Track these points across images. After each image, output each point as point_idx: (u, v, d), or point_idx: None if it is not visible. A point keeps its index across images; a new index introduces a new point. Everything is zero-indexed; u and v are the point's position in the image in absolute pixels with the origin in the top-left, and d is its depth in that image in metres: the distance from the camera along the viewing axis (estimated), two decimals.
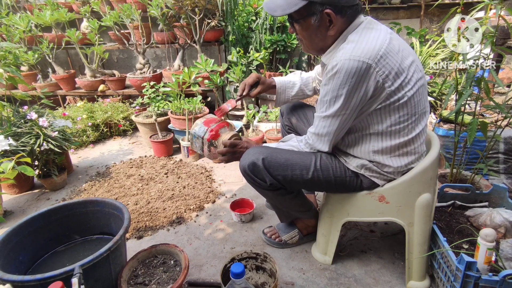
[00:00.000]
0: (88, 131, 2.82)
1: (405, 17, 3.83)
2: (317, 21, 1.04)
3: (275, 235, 1.50)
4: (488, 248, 0.98)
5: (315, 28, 1.06)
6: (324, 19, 1.03)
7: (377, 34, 1.01)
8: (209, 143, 1.33)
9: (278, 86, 1.45)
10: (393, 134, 1.08)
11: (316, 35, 1.08)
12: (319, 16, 1.03)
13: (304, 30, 1.09)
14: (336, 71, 0.99)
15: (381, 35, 1.01)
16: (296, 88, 1.47)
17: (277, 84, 1.45)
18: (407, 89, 1.02)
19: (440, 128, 1.92)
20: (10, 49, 2.37)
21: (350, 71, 0.97)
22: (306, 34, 1.10)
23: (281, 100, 1.49)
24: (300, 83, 1.47)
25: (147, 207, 1.84)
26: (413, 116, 1.06)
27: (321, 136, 1.13)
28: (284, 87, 1.46)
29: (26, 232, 1.22)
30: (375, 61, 0.97)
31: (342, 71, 0.98)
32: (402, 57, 1.01)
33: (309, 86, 1.48)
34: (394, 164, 1.13)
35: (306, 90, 1.48)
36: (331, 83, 1.02)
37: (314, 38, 1.09)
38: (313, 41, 1.11)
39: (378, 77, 0.98)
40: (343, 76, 0.98)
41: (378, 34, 1.01)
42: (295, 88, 1.47)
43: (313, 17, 1.03)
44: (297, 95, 1.48)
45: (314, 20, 1.04)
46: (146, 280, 1.19)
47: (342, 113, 1.05)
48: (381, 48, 0.98)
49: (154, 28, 3.38)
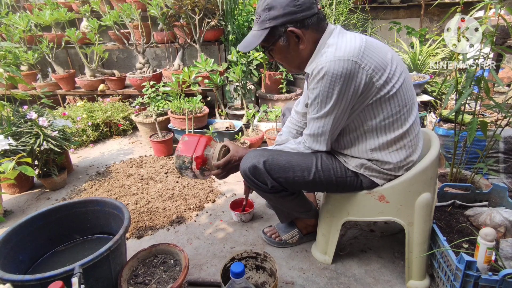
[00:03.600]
0: (88, 130, 2.82)
1: (405, 17, 3.83)
2: (286, 42, 1.09)
3: (275, 234, 1.50)
4: (488, 248, 0.98)
5: (286, 48, 1.11)
6: (290, 38, 1.08)
7: (353, 35, 1.07)
8: (200, 170, 1.30)
9: None
10: (387, 128, 1.09)
11: (290, 54, 1.12)
12: (285, 36, 1.07)
13: (278, 54, 1.14)
14: (323, 74, 1.01)
15: (357, 36, 1.06)
16: None
17: None
18: (394, 81, 1.05)
19: (440, 128, 1.92)
20: (10, 48, 2.37)
21: (337, 72, 0.99)
22: (282, 57, 1.15)
23: None
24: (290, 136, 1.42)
25: (147, 206, 1.84)
26: (404, 108, 1.08)
27: (317, 136, 1.14)
28: None
29: (26, 232, 1.22)
30: (359, 58, 0.99)
31: (329, 73, 1.00)
32: (381, 52, 1.05)
33: (293, 131, 1.44)
34: (394, 160, 1.13)
35: (295, 136, 1.43)
36: (319, 86, 1.04)
37: (290, 58, 1.14)
38: (290, 61, 1.16)
39: (365, 72, 1.00)
40: (331, 78, 1.00)
41: (354, 35, 1.07)
42: None
43: (280, 39, 1.08)
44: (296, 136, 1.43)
45: (282, 41, 1.09)
46: (146, 279, 1.19)
47: (334, 112, 1.06)
48: (361, 45, 1.01)
49: (154, 28, 3.38)
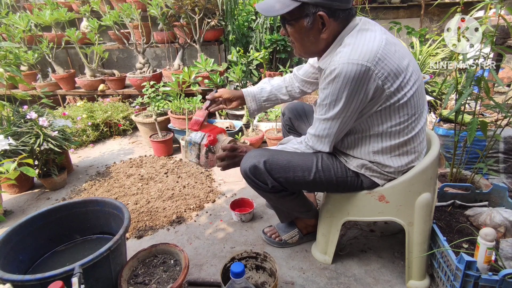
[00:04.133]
0: (88, 130, 2.82)
1: (405, 17, 3.83)
2: (310, 23, 1.02)
3: (275, 234, 1.50)
4: (488, 248, 0.98)
5: (307, 31, 1.05)
6: (317, 22, 1.02)
7: (372, 35, 1.00)
8: (207, 149, 1.29)
9: (246, 94, 1.41)
10: (393, 134, 1.08)
11: (308, 38, 1.07)
12: (312, 18, 1.01)
13: (296, 33, 1.07)
14: (335, 75, 0.98)
15: (377, 37, 1.00)
16: (266, 92, 1.42)
17: (244, 92, 1.41)
18: (406, 89, 1.01)
19: (440, 128, 1.92)
20: (10, 48, 2.37)
21: (350, 75, 0.96)
22: (298, 37, 1.08)
23: (253, 108, 1.43)
24: (270, 88, 1.43)
25: (147, 206, 1.84)
26: (413, 116, 1.06)
27: (321, 137, 1.13)
28: (253, 94, 1.41)
29: (26, 232, 1.22)
30: (374, 63, 0.96)
31: (341, 76, 0.97)
32: (399, 57, 1.00)
33: (282, 90, 1.44)
34: (395, 164, 1.12)
35: (279, 94, 1.44)
36: (330, 87, 1.01)
37: (306, 41, 1.08)
38: (304, 44, 1.09)
39: (377, 79, 0.97)
40: (342, 80, 0.98)
41: (373, 35, 1.00)
42: (264, 93, 1.42)
43: (306, 19, 1.02)
44: (269, 99, 1.43)
45: (306, 22, 1.02)
46: (146, 279, 1.19)
47: (342, 115, 1.04)
48: (379, 49, 0.97)
49: (154, 28, 3.38)
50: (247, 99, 1.41)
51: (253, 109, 1.44)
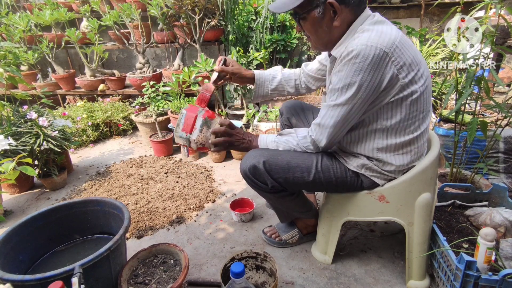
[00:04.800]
0: (88, 130, 2.82)
1: (405, 17, 3.82)
2: (321, 13, 1.03)
3: (275, 234, 1.50)
4: (488, 248, 0.98)
5: (320, 21, 1.05)
6: (327, 10, 1.03)
7: (389, 27, 1.03)
8: (204, 121, 1.20)
9: (257, 77, 1.40)
10: (399, 131, 1.08)
11: (322, 28, 1.07)
12: (323, 8, 1.02)
13: (309, 25, 1.08)
14: (352, 56, 0.98)
15: (394, 29, 1.02)
16: (276, 82, 1.42)
17: (256, 75, 1.40)
18: (420, 83, 1.02)
19: (440, 128, 1.92)
20: (10, 48, 2.37)
21: (367, 57, 0.96)
22: (312, 29, 1.09)
23: (259, 93, 1.44)
24: (281, 77, 1.43)
25: (147, 206, 1.84)
26: (421, 113, 1.07)
27: (325, 127, 1.10)
28: (264, 79, 1.41)
29: (26, 232, 1.22)
30: (391, 50, 0.96)
31: (359, 56, 0.96)
32: (415, 51, 1.02)
33: (291, 83, 1.44)
34: (397, 163, 1.12)
35: (287, 86, 1.44)
36: (345, 69, 1.00)
37: (320, 32, 1.08)
38: (319, 35, 1.09)
39: (393, 67, 0.98)
40: (359, 62, 0.97)
41: (391, 27, 1.03)
42: (274, 82, 1.42)
43: (317, 9, 1.03)
44: (277, 89, 1.44)
45: (318, 12, 1.03)
46: (146, 279, 1.19)
47: (353, 102, 1.02)
48: (396, 38, 0.98)
49: (154, 28, 3.37)
50: (257, 83, 1.41)
51: (258, 95, 1.44)
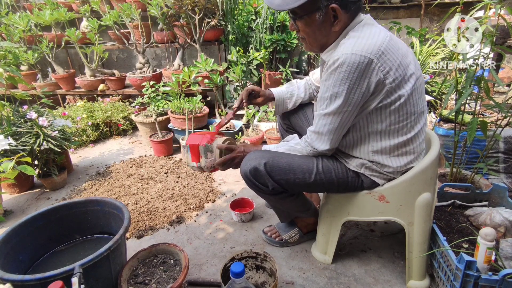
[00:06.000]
0: (88, 130, 2.82)
1: (405, 17, 3.83)
2: (322, 17, 1.01)
3: (275, 234, 1.50)
4: (488, 248, 0.98)
5: (319, 24, 1.03)
6: (329, 15, 1.01)
7: (377, 30, 1.01)
8: (205, 147, 1.30)
9: (277, 98, 1.45)
10: (392, 133, 1.08)
11: (320, 32, 1.05)
12: (324, 11, 1.00)
13: (307, 27, 1.05)
14: (337, 65, 0.98)
15: (382, 32, 1.01)
16: (294, 99, 1.47)
17: (276, 96, 1.45)
18: (407, 87, 1.02)
19: (440, 128, 1.92)
20: (10, 48, 2.37)
21: (352, 65, 0.96)
22: (309, 31, 1.06)
23: (279, 110, 1.50)
24: (297, 93, 1.47)
25: (147, 206, 1.84)
26: (411, 116, 1.06)
27: (321, 134, 1.11)
28: (283, 99, 1.46)
29: (26, 232, 1.22)
30: (377, 56, 0.96)
31: (344, 65, 0.96)
32: (402, 54, 1.01)
33: (306, 96, 1.48)
34: (394, 164, 1.12)
35: (304, 97, 1.48)
36: (332, 78, 1.00)
37: (318, 35, 1.06)
38: (316, 38, 1.08)
39: (380, 72, 0.97)
40: (345, 70, 0.97)
41: (378, 30, 1.01)
42: (293, 99, 1.47)
43: (318, 12, 1.00)
44: (295, 103, 1.48)
45: (319, 15, 1.01)
46: (146, 279, 1.19)
47: (343, 110, 1.03)
48: (383, 43, 0.97)
49: (154, 28, 3.37)
50: (277, 104, 1.47)
51: (278, 111, 1.51)
